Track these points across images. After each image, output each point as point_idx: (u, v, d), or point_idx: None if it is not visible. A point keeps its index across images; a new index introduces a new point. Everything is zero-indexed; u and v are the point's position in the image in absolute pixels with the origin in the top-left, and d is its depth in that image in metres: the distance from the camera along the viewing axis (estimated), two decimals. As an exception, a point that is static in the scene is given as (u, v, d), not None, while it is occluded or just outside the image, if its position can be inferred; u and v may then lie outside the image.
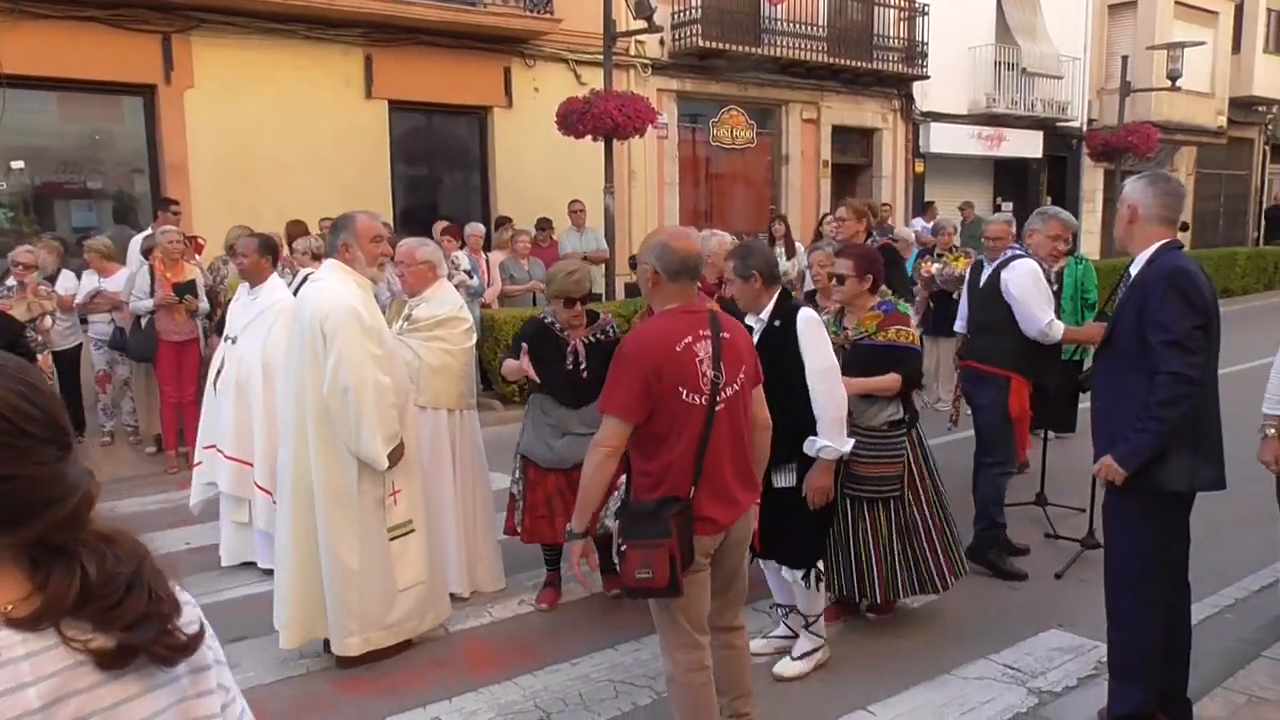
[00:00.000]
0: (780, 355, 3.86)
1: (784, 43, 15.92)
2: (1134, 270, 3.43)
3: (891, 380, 4.26)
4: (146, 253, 8.13)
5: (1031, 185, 21.64)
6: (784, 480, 3.96)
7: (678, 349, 3.00)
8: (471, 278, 9.51)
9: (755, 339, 3.84)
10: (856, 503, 4.32)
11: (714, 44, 15.00)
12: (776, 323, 3.93)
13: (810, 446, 3.89)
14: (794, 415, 3.83)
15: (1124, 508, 3.38)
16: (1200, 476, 3.33)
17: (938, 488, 4.54)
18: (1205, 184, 25.64)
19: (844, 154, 18.14)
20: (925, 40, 17.88)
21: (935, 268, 9.26)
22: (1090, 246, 21.87)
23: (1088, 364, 6.07)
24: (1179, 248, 3.42)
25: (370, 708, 4.02)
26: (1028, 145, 20.60)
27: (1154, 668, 3.45)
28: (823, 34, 16.49)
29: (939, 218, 13.44)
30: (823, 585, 4.20)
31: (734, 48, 15.27)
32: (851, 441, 3.99)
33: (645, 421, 2.99)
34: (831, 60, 16.61)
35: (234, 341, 5.56)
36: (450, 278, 9.13)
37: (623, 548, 2.99)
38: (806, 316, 3.92)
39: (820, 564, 4.17)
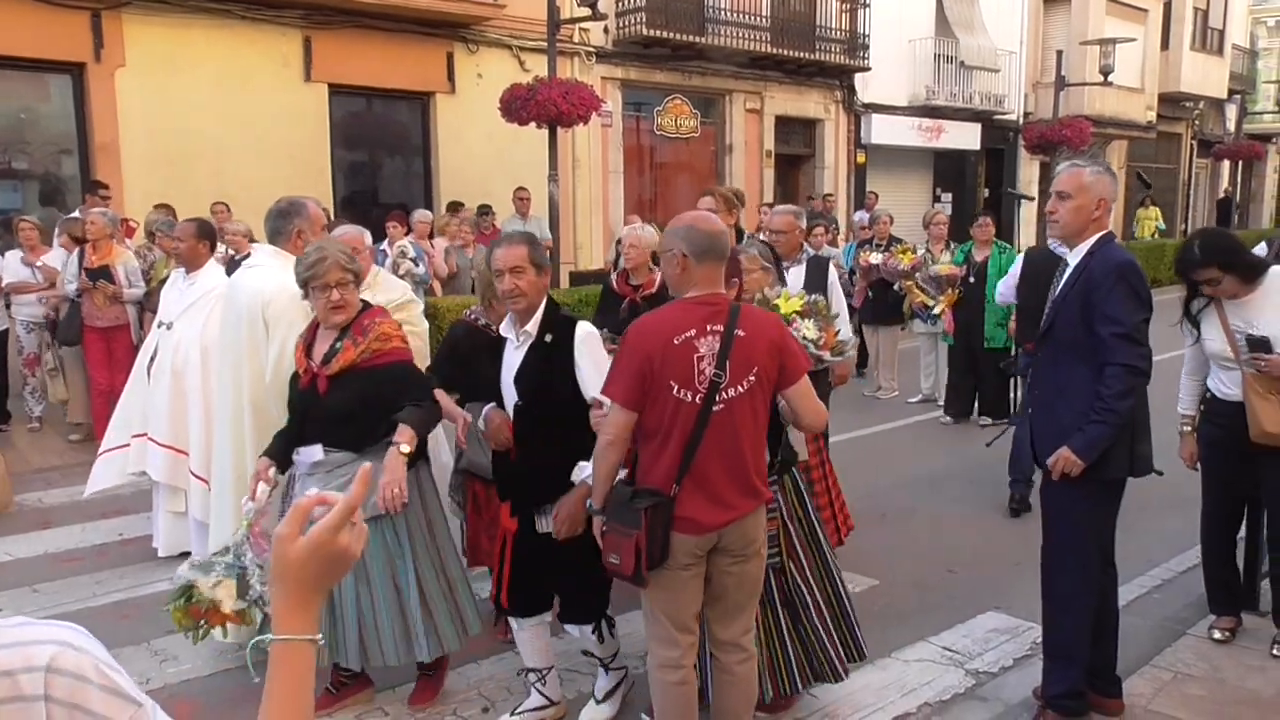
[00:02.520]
0: (552, 378, 3.43)
1: (728, 32, 15.96)
2: (1073, 261, 3.48)
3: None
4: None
5: (970, 177, 22.00)
6: (547, 526, 3.49)
7: (676, 341, 2.89)
8: (418, 265, 9.41)
9: (520, 357, 3.49)
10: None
11: (658, 32, 14.98)
12: (547, 337, 3.46)
13: (579, 473, 3.38)
14: (572, 451, 3.38)
15: (1065, 494, 3.44)
16: (1138, 463, 3.43)
17: (823, 549, 3.76)
18: (1136, 177, 26.30)
19: (787, 144, 18.25)
20: (866, 32, 18.05)
21: (875, 258, 9.38)
22: (1027, 237, 22.30)
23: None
24: (1113, 238, 3.50)
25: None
26: (966, 137, 20.93)
27: (1086, 648, 3.55)
28: (766, 24, 16.56)
29: (876, 208, 13.65)
30: (615, 631, 3.75)
31: (678, 36, 15.25)
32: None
33: (642, 409, 2.95)
34: (774, 51, 16.69)
35: (169, 327, 5.42)
36: (397, 266, 9.06)
37: (604, 529, 3.01)
38: (587, 331, 3.48)
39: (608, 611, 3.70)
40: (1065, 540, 3.51)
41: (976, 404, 8.73)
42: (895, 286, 9.14)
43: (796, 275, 5.56)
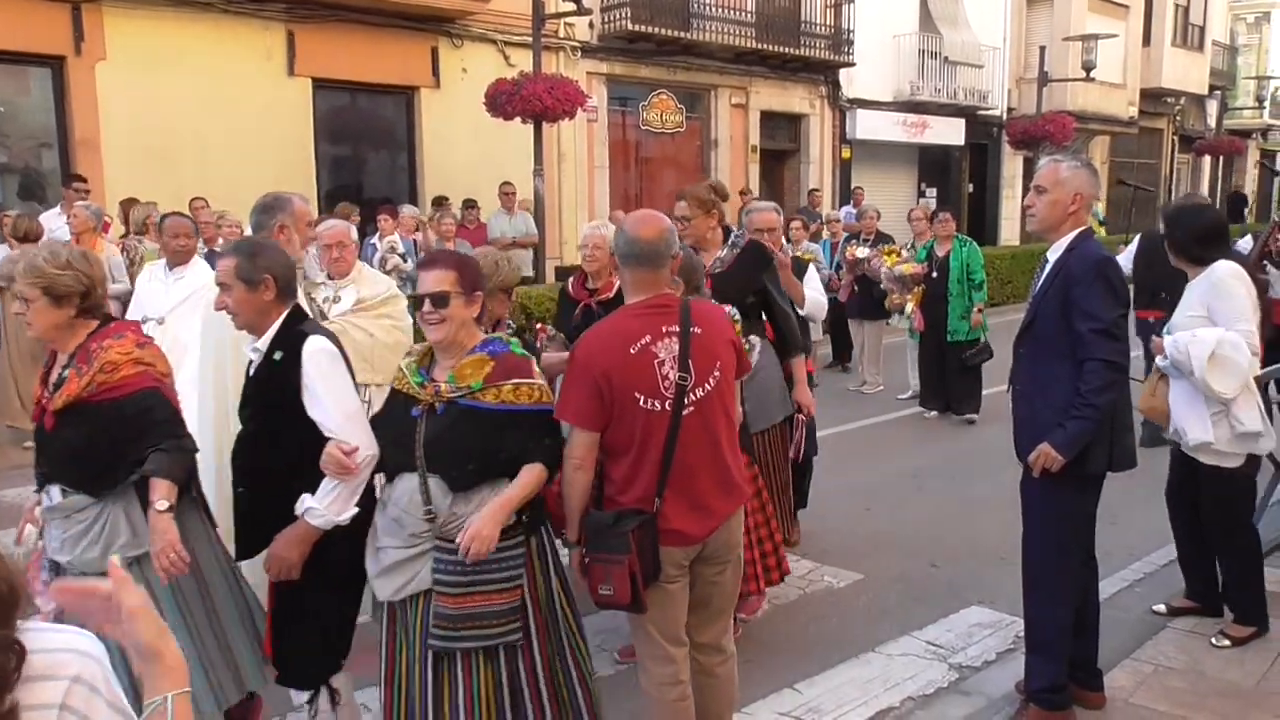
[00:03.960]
0: (281, 401, 2.92)
1: (713, 28, 15.95)
2: (1052, 257, 3.50)
3: (534, 478, 2.80)
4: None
5: (954, 172, 22.08)
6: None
7: (632, 351, 2.78)
8: (406, 261, 9.33)
9: (250, 376, 3.06)
10: (445, 660, 2.79)
11: (643, 27, 14.96)
12: (277, 355, 2.95)
13: (300, 505, 2.89)
14: (301, 485, 2.91)
15: (1045, 489, 3.45)
16: (1118, 457, 3.45)
17: (561, 630, 2.93)
18: (1118, 172, 26.41)
19: (772, 139, 18.27)
20: (851, 28, 18.08)
21: (863, 252, 9.43)
22: (1010, 233, 22.43)
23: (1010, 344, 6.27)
24: (1092, 235, 3.52)
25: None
26: (950, 133, 20.99)
27: (1068, 642, 3.58)
28: (751, 20, 16.56)
29: (864, 203, 13.70)
30: (339, 708, 3.17)
31: (663, 31, 15.25)
32: (351, 512, 2.91)
33: (606, 427, 2.82)
34: (760, 46, 16.70)
35: (160, 322, 5.43)
36: (385, 261, 9.01)
37: (587, 560, 2.85)
38: (317, 348, 2.93)
39: (336, 681, 3.15)
40: (1046, 534, 3.53)
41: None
42: (880, 284, 9.20)
43: None
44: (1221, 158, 27.24)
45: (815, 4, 17.65)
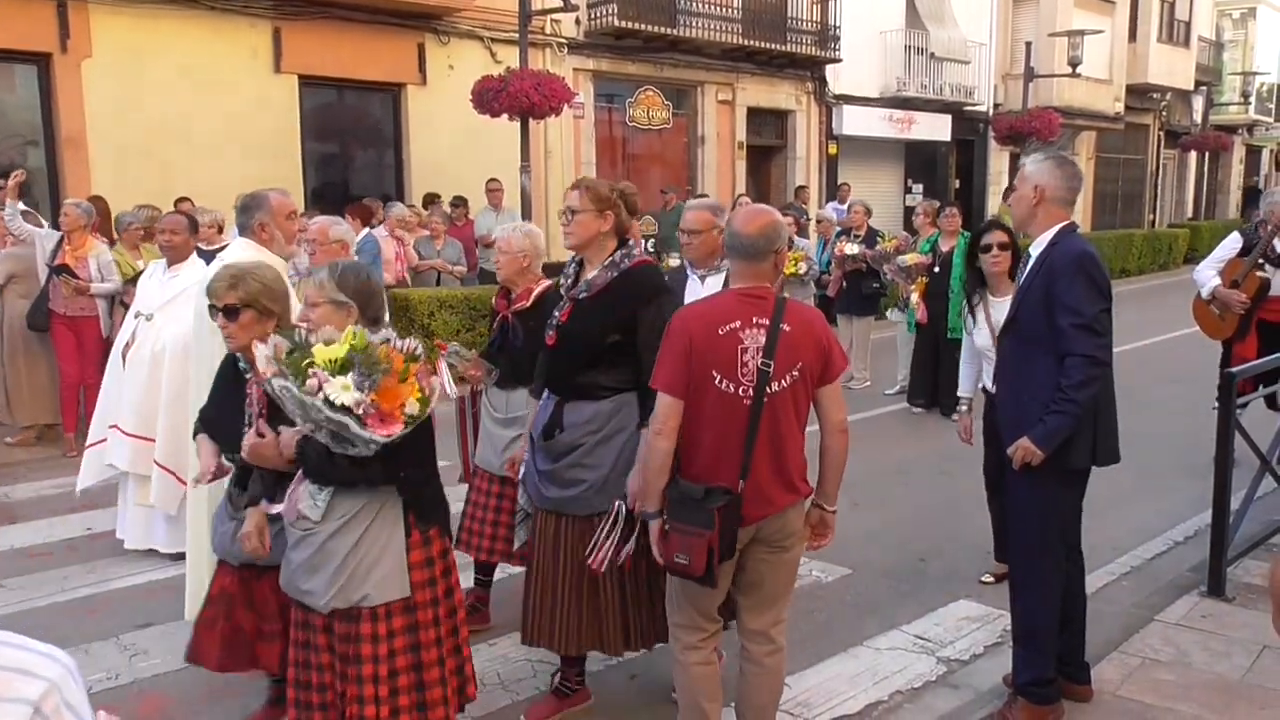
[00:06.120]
0: None
1: (699, 24, 15.96)
2: (1035, 252, 3.52)
3: None
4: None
5: (941, 168, 22.13)
6: None
7: (720, 332, 2.89)
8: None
9: None
10: None
11: (630, 24, 14.96)
12: None
13: None
14: None
15: (1030, 483, 3.47)
16: (1102, 452, 3.47)
17: None
18: (1104, 168, 26.56)
19: (759, 135, 18.28)
20: (837, 24, 18.11)
21: (851, 249, 9.45)
22: (996, 228, 22.48)
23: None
24: (1076, 229, 3.53)
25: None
26: (937, 128, 21.04)
27: (1055, 635, 3.60)
28: (737, 16, 16.58)
29: (851, 198, 13.73)
30: None
31: (649, 28, 15.25)
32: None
33: (686, 398, 2.92)
34: (746, 42, 16.71)
35: (149, 318, 5.43)
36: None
37: (666, 527, 2.95)
38: None
39: None
40: (1031, 529, 3.55)
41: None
42: (885, 276, 9.21)
43: (714, 285, 4.08)
44: (1207, 153, 27.36)
45: (801, 0, 17.67)
